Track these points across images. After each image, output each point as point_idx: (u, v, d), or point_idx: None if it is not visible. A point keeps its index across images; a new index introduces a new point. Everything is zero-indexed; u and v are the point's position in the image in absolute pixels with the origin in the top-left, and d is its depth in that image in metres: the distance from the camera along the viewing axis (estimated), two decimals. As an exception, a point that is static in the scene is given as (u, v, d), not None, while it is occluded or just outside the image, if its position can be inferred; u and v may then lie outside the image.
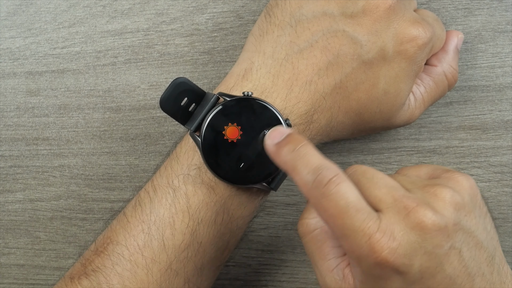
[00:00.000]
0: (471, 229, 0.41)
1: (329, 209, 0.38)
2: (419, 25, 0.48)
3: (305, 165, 0.40)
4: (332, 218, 0.38)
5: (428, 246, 0.38)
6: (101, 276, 0.45)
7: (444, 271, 0.39)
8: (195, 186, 0.46)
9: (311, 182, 0.39)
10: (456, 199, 0.40)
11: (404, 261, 0.38)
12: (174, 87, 0.46)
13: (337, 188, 0.38)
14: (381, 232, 0.38)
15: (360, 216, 0.38)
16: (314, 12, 0.48)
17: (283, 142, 0.41)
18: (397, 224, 0.38)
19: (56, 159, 0.59)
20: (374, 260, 0.38)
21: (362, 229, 0.38)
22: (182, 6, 0.57)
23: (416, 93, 0.51)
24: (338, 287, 0.42)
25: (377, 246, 0.38)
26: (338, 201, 0.38)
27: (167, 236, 0.46)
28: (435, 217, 0.39)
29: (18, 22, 0.58)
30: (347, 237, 0.38)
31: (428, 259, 0.39)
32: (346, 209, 0.38)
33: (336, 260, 0.42)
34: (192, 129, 0.46)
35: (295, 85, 0.47)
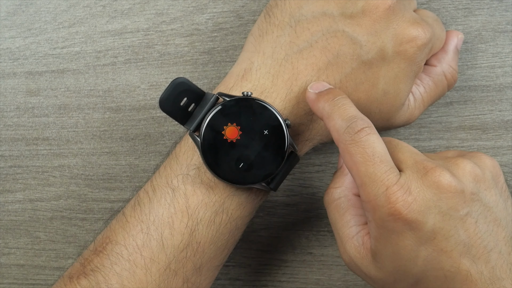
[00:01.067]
0: (490, 204, 0.42)
1: (355, 155, 0.41)
2: (419, 25, 0.48)
3: (341, 113, 0.43)
4: (357, 165, 0.41)
5: (443, 206, 0.40)
6: (100, 275, 0.45)
7: (459, 236, 0.40)
8: (194, 186, 0.46)
9: (344, 128, 0.42)
10: (476, 171, 0.42)
11: (418, 216, 0.39)
12: (173, 87, 0.46)
13: (367, 137, 0.41)
14: (398, 185, 0.40)
15: (383, 167, 0.40)
16: (314, 12, 0.48)
17: (325, 92, 0.45)
18: (414, 181, 0.40)
19: (56, 159, 0.59)
20: (388, 210, 0.40)
21: (382, 179, 0.40)
22: (182, 6, 0.57)
23: (415, 94, 0.51)
24: (356, 252, 0.44)
25: (393, 197, 0.40)
26: (365, 148, 0.41)
27: (166, 236, 0.46)
28: (452, 179, 0.40)
29: (18, 22, 0.58)
30: (366, 186, 0.41)
31: (442, 219, 0.40)
32: (372, 158, 0.41)
33: (357, 227, 0.45)
34: (192, 129, 0.46)
35: (295, 85, 0.47)
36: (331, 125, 0.43)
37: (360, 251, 0.44)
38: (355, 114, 0.43)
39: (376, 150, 0.41)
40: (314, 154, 0.58)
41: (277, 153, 0.46)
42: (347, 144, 0.41)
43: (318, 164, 0.58)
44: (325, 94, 0.45)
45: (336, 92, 0.45)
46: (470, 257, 0.41)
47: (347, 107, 0.43)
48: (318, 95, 0.45)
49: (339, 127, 0.42)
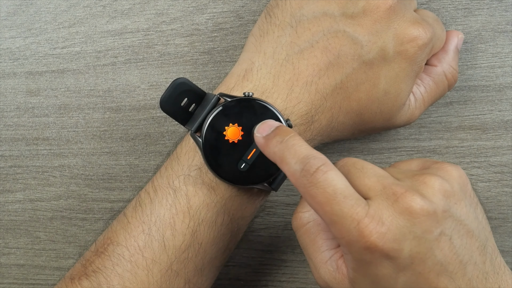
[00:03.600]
0: (462, 217, 0.41)
1: (317, 196, 0.39)
2: (419, 25, 0.48)
3: (293, 155, 0.41)
4: (321, 205, 0.39)
5: (417, 231, 0.39)
6: (102, 276, 0.45)
7: (435, 257, 0.39)
8: (195, 186, 0.46)
9: (299, 171, 0.40)
10: (445, 187, 0.41)
11: (394, 245, 0.38)
12: (174, 88, 0.46)
13: (324, 176, 0.39)
14: (369, 217, 0.39)
15: (348, 202, 0.39)
16: (315, 12, 0.48)
17: (272, 134, 0.43)
18: (385, 210, 0.39)
19: (56, 159, 0.59)
20: (364, 244, 0.38)
21: (351, 215, 0.39)
22: (182, 6, 0.57)
23: (416, 93, 0.51)
24: (332, 277, 0.43)
25: (366, 231, 0.38)
26: (325, 188, 0.39)
27: (167, 237, 0.46)
28: (423, 202, 0.39)
29: (18, 22, 0.58)
30: (336, 223, 0.39)
31: (418, 244, 0.39)
32: (334, 196, 0.39)
33: (329, 252, 0.43)
34: (193, 130, 0.46)
35: (296, 86, 0.47)
36: (285, 170, 0.41)
37: (336, 276, 0.43)
38: (307, 153, 0.40)
39: (337, 187, 0.39)
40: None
41: None
42: (306, 187, 0.40)
43: (318, 164, 0.58)
44: (272, 137, 0.43)
45: (283, 131, 0.43)
46: (447, 274, 0.40)
47: (297, 147, 0.41)
48: (265, 140, 0.43)
49: (294, 171, 0.40)
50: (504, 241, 0.57)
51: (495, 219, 0.57)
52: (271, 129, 0.43)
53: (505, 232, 0.57)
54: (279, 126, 0.44)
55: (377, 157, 0.57)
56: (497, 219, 0.57)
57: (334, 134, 0.50)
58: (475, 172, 0.57)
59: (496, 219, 0.57)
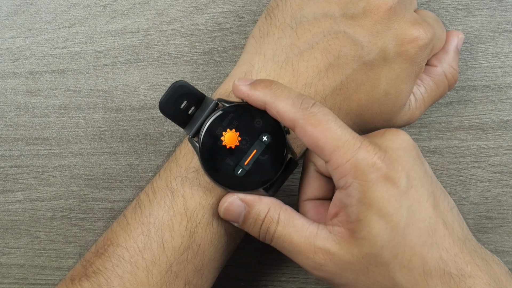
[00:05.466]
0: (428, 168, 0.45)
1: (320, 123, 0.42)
2: (420, 26, 0.48)
3: (287, 95, 0.43)
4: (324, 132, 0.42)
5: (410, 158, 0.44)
6: (102, 278, 0.45)
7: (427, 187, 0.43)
8: (192, 188, 0.46)
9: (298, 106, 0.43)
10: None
11: (393, 166, 0.42)
12: (173, 90, 0.46)
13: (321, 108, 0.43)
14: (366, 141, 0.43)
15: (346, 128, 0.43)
16: (315, 13, 0.48)
17: (258, 80, 0.45)
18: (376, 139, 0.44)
19: (56, 159, 0.59)
20: (370, 161, 0.42)
21: (353, 137, 0.43)
22: (182, 6, 0.57)
23: (416, 94, 0.51)
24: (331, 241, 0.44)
25: (370, 150, 0.42)
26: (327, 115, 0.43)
27: (166, 238, 0.46)
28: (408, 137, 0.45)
29: (19, 22, 0.58)
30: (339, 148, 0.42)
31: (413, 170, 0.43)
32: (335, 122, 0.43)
33: (312, 225, 0.45)
34: (191, 135, 0.46)
35: (295, 87, 0.47)
36: (280, 108, 0.43)
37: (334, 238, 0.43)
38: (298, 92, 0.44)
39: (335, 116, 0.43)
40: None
41: (276, 159, 0.46)
42: (307, 118, 0.42)
43: (318, 164, 0.58)
44: (260, 82, 0.45)
45: (267, 79, 0.45)
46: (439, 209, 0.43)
47: (288, 89, 0.44)
48: (252, 85, 0.45)
49: (290, 107, 0.43)
50: (504, 241, 0.57)
51: (495, 219, 0.57)
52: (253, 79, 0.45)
53: (505, 232, 0.57)
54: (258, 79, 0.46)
55: (377, 157, 0.57)
56: (497, 219, 0.57)
57: (334, 135, 0.50)
58: (475, 172, 0.57)
59: (496, 219, 0.57)
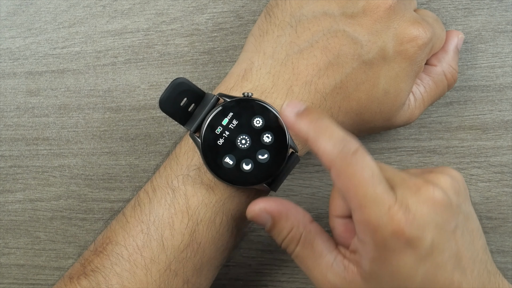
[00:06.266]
0: (468, 215, 0.43)
1: (354, 177, 0.39)
2: (419, 25, 0.48)
3: (330, 135, 0.41)
4: (355, 187, 0.40)
5: (439, 220, 0.40)
6: (100, 276, 0.45)
7: (452, 248, 0.40)
8: (194, 186, 0.46)
9: (338, 151, 0.40)
10: (455, 184, 0.42)
11: (418, 233, 0.39)
12: (173, 87, 0.46)
13: (363, 158, 0.40)
14: (398, 204, 0.39)
15: (381, 187, 0.40)
16: (315, 12, 0.48)
17: (305, 112, 0.42)
18: (410, 198, 0.40)
19: (56, 159, 0.59)
20: (392, 229, 0.39)
21: (383, 200, 0.39)
22: (182, 6, 0.57)
23: (416, 93, 0.51)
24: (342, 279, 0.43)
25: (396, 216, 0.39)
26: (364, 170, 0.40)
27: (166, 237, 0.46)
28: (444, 194, 0.40)
29: (18, 22, 0.58)
30: (366, 207, 0.39)
31: (438, 233, 0.40)
32: (371, 179, 0.39)
33: (331, 254, 0.43)
34: (192, 130, 0.46)
35: (295, 85, 0.47)
36: (320, 148, 0.40)
37: (346, 276, 0.42)
38: (344, 134, 0.41)
39: (374, 171, 0.40)
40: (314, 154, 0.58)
41: (278, 154, 0.46)
42: (344, 166, 0.40)
43: (318, 164, 0.58)
44: (306, 114, 0.42)
45: (318, 111, 0.42)
46: (460, 269, 0.41)
47: (334, 128, 0.41)
48: (298, 116, 0.42)
49: (330, 149, 0.40)
50: (504, 241, 0.57)
51: (495, 219, 0.57)
52: (302, 107, 0.42)
53: (505, 232, 0.57)
54: (311, 107, 0.43)
55: (377, 157, 0.57)
56: (497, 219, 0.57)
57: (334, 134, 0.50)
58: (475, 172, 0.57)
59: (496, 219, 0.57)
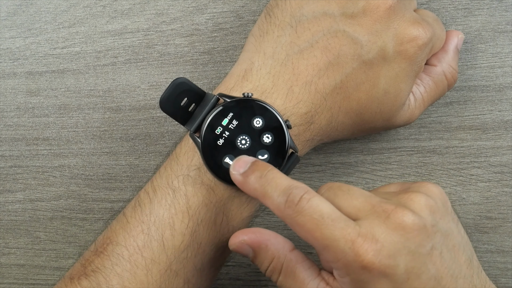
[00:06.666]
0: (447, 232, 0.42)
1: (305, 224, 0.40)
2: (419, 25, 0.48)
3: (275, 188, 0.41)
4: (310, 232, 0.40)
5: (411, 246, 0.39)
6: (101, 276, 0.45)
7: (429, 271, 0.40)
8: (194, 187, 0.46)
9: (284, 203, 0.40)
10: (430, 203, 0.42)
11: (390, 262, 0.39)
12: (174, 87, 0.46)
13: (309, 203, 0.40)
14: (362, 236, 0.39)
15: (337, 224, 0.39)
16: (315, 12, 0.48)
17: (249, 171, 0.43)
18: (378, 227, 0.39)
19: (56, 159, 0.59)
20: (360, 264, 0.39)
21: (343, 236, 0.39)
22: (182, 6, 0.57)
23: (416, 93, 0.52)
24: None
25: (361, 250, 0.39)
26: (312, 215, 0.40)
27: (166, 237, 0.46)
28: (414, 217, 0.40)
29: (18, 22, 0.58)
30: (329, 248, 0.39)
31: (412, 258, 0.39)
32: (322, 220, 0.39)
33: (314, 281, 0.43)
34: (192, 130, 0.46)
35: (295, 86, 0.47)
36: (269, 204, 0.41)
37: None
38: (288, 184, 0.41)
39: (323, 211, 0.40)
40: (314, 154, 0.58)
41: (278, 154, 0.46)
42: (293, 217, 0.40)
43: (318, 164, 0.58)
44: (251, 172, 0.43)
45: (260, 166, 0.43)
46: None
47: (277, 180, 0.42)
48: (244, 176, 0.43)
49: (278, 203, 0.41)
50: (504, 241, 0.57)
51: (495, 219, 0.57)
52: (247, 165, 0.43)
53: (505, 232, 0.57)
54: (255, 161, 0.44)
55: (377, 157, 0.57)
56: (497, 219, 0.57)
57: (334, 134, 0.50)
58: (475, 172, 0.57)
59: (496, 219, 0.57)
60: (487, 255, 0.57)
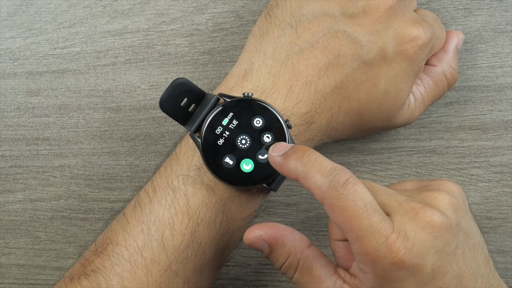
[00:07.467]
0: (468, 230, 0.42)
1: (347, 209, 0.39)
2: (419, 25, 0.48)
3: (318, 169, 0.40)
4: (349, 219, 0.39)
5: (439, 245, 0.39)
6: (101, 276, 0.45)
7: (453, 270, 0.40)
8: (194, 187, 0.46)
9: (328, 184, 0.39)
10: (454, 201, 0.41)
11: (419, 260, 0.38)
12: (174, 88, 0.46)
13: (354, 188, 0.39)
14: (396, 232, 0.38)
15: (377, 217, 0.39)
16: (315, 12, 0.48)
17: (290, 151, 0.42)
18: (407, 225, 0.39)
19: (56, 159, 0.59)
20: (391, 260, 0.38)
21: (379, 230, 0.38)
22: (182, 6, 0.57)
23: (416, 93, 0.52)
24: None
25: (394, 246, 0.38)
26: (356, 201, 0.39)
27: (166, 237, 0.46)
28: (442, 216, 0.40)
29: (19, 22, 0.58)
30: (363, 239, 0.39)
31: (439, 258, 0.39)
32: (364, 209, 0.39)
33: (331, 278, 0.43)
34: (192, 130, 0.46)
35: (295, 86, 0.47)
36: (310, 183, 0.40)
37: None
38: (333, 166, 0.40)
39: (366, 200, 0.39)
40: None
41: None
42: (335, 199, 0.39)
43: (318, 164, 0.57)
44: (292, 153, 0.42)
45: (303, 148, 0.42)
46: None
47: (322, 161, 0.40)
48: (284, 157, 0.42)
49: (320, 183, 0.39)
50: (504, 241, 0.57)
51: (495, 219, 0.57)
52: (287, 148, 0.43)
53: (505, 232, 0.57)
54: (296, 145, 0.43)
55: (377, 157, 0.57)
56: (497, 219, 0.57)
57: (334, 134, 0.50)
58: (475, 172, 0.57)
59: (496, 219, 0.57)
60: (487, 255, 0.57)
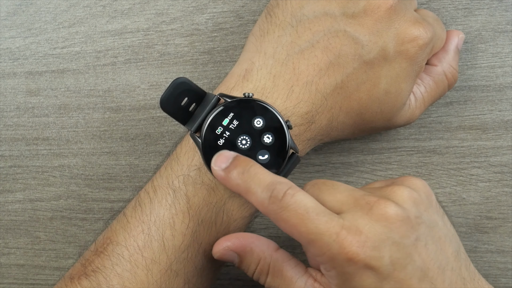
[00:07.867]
0: (432, 224, 0.42)
1: (290, 219, 0.40)
2: (420, 25, 0.48)
3: (258, 183, 0.41)
4: (295, 227, 0.40)
5: (395, 236, 0.40)
6: (101, 276, 0.45)
7: (414, 262, 0.40)
8: (195, 187, 0.46)
9: (268, 199, 0.41)
10: (414, 195, 0.42)
11: (374, 253, 0.39)
12: (174, 87, 0.46)
13: (293, 198, 0.40)
14: (346, 229, 0.39)
15: (321, 218, 0.40)
16: (315, 12, 0.48)
17: (231, 166, 0.43)
18: (361, 219, 0.40)
19: (56, 159, 0.59)
20: (345, 256, 0.39)
21: (327, 229, 0.39)
22: (182, 6, 0.57)
23: (416, 93, 0.52)
24: None
25: (346, 242, 0.39)
26: (297, 210, 0.40)
27: (167, 237, 0.46)
28: (397, 208, 0.40)
29: (18, 22, 0.58)
30: (314, 242, 0.40)
31: (397, 249, 0.40)
32: (307, 215, 0.40)
33: (301, 278, 0.44)
34: (193, 130, 0.46)
35: (296, 86, 0.47)
36: (252, 200, 0.42)
37: None
38: (271, 179, 0.41)
39: (307, 206, 0.40)
40: (314, 154, 0.58)
41: (278, 154, 0.46)
42: (278, 213, 0.40)
43: (318, 164, 0.58)
44: (232, 168, 0.43)
45: (242, 161, 0.43)
46: (428, 280, 0.41)
47: (260, 175, 0.42)
48: (225, 172, 0.43)
49: (262, 199, 0.41)
50: (504, 241, 0.57)
51: (495, 219, 0.57)
52: (229, 160, 0.44)
53: (505, 232, 0.57)
54: (236, 157, 0.44)
55: (377, 157, 0.57)
56: (497, 219, 0.57)
57: (334, 134, 0.50)
58: (475, 172, 0.57)
59: (496, 219, 0.57)
60: (487, 255, 0.57)
